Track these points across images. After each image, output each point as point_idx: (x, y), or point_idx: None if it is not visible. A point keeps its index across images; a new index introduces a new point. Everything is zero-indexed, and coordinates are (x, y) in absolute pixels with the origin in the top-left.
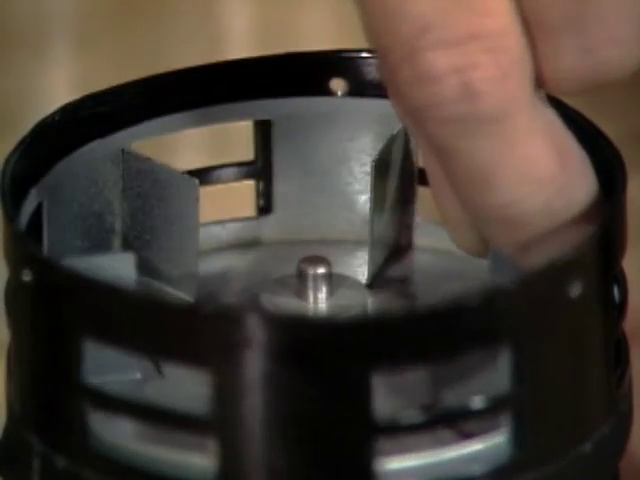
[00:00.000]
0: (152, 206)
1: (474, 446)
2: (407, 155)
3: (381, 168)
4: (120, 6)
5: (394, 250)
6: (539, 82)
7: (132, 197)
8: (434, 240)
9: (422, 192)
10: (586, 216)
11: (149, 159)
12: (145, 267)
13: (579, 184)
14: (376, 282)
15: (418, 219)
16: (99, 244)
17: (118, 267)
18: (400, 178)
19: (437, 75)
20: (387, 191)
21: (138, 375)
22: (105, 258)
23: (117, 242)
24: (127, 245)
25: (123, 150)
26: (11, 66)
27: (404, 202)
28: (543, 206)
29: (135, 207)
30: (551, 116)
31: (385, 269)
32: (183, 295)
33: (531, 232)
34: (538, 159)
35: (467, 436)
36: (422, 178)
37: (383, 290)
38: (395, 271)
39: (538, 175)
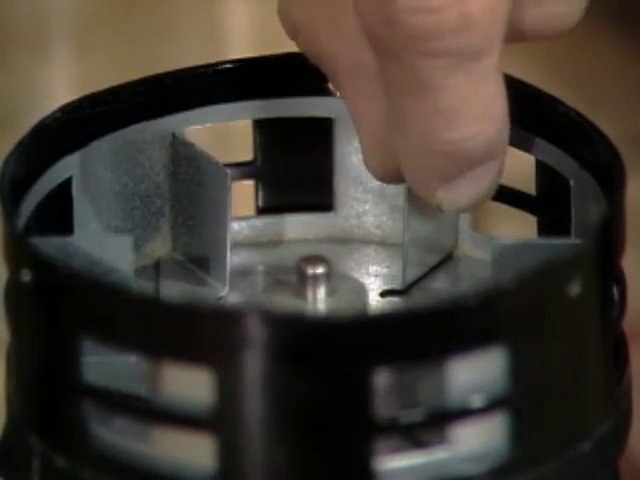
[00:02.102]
0: (194, 193)
1: (474, 446)
2: None
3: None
4: (120, 6)
5: (435, 255)
6: None
7: (179, 182)
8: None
9: None
10: (496, 166)
11: (193, 145)
12: (187, 254)
13: (507, 127)
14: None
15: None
16: (145, 226)
17: (116, 249)
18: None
19: (439, 4)
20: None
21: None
22: (105, 238)
23: (166, 226)
24: (174, 230)
25: (174, 134)
26: (11, 66)
27: None
28: (489, 142)
29: (181, 192)
30: None
31: (424, 277)
32: (216, 285)
33: (466, 167)
34: (497, 97)
35: (421, 445)
36: None
37: (382, 289)
38: (435, 281)
39: (495, 112)
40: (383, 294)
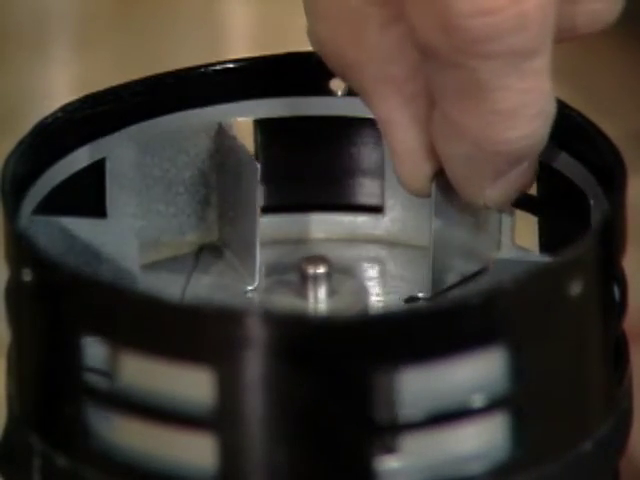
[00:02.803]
0: (234, 184)
1: (475, 445)
2: None
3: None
4: (120, 6)
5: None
6: None
7: (224, 173)
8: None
9: None
10: (536, 159)
11: (235, 137)
12: (228, 245)
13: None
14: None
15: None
16: (189, 213)
17: (119, 234)
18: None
19: (497, 5)
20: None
21: None
22: (109, 223)
23: (212, 216)
24: (220, 220)
25: (220, 124)
26: (11, 66)
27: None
28: (540, 140)
29: (225, 183)
30: None
31: (456, 286)
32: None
33: (516, 165)
34: (549, 95)
35: (390, 451)
36: None
37: (383, 289)
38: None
39: (547, 110)
40: (407, 300)
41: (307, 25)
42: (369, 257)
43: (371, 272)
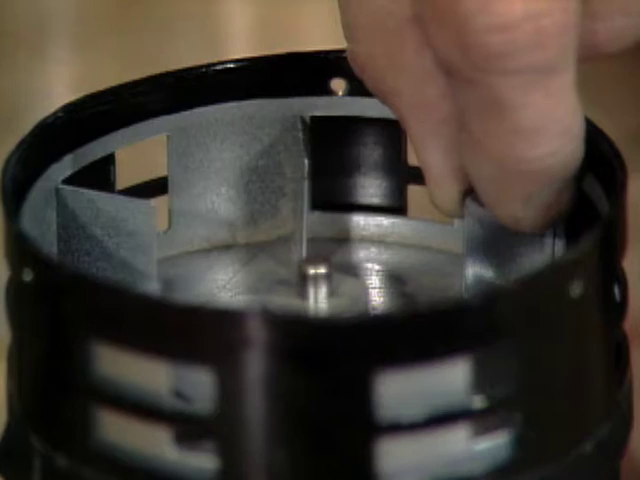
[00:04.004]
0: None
1: (475, 446)
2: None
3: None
4: (120, 6)
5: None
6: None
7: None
8: (431, 238)
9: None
10: (572, 180)
11: (300, 131)
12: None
13: (582, 143)
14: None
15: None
16: (263, 202)
17: (141, 212)
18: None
19: (513, 21)
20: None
21: None
22: (132, 201)
23: (287, 207)
24: (295, 212)
25: (302, 117)
26: (11, 66)
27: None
28: (567, 158)
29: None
30: None
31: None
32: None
33: (545, 186)
34: (575, 113)
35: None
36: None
37: (383, 290)
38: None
39: (573, 128)
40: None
41: (348, 50)
42: (370, 257)
43: (373, 273)
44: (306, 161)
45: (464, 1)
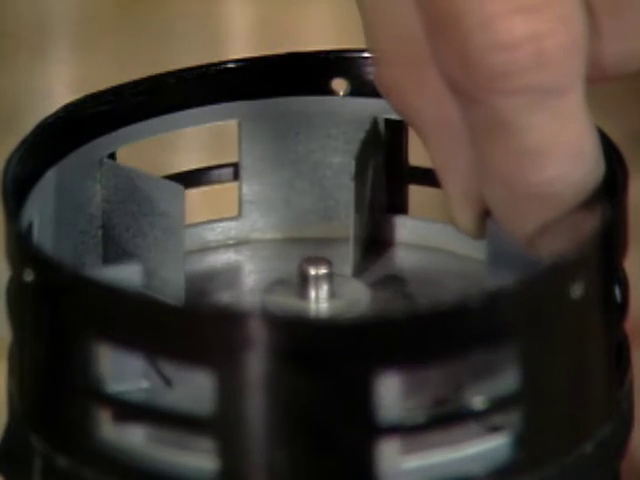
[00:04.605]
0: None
1: (475, 446)
2: (395, 151)
3: (361, 165)
4: (120, 6)
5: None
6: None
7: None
8: (432, 238)
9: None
10: (591, 202)
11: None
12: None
13: (600, 167)
14: (373, 281)
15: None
16: (325, 200)
17: (168, 195)
18: (382, 175)
19: (514, 41)
20: (367, 188)
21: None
22: (166, 182)
23: (341, 212)
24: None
25: (376, 119)
26: (11, 66)
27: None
28: (578, 182)
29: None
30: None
31: (368, 263)
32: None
33: (558, 210)
34: (585, 136)
35: (423, 446)
36: (414, 177)
37: (384, 290)
38: (383, 267)
39: (584, 152)
40: None
41: (374, 71)
42: (370, 258)
43: (373, 273)
44: (353, 162)
45: (466, 18)
